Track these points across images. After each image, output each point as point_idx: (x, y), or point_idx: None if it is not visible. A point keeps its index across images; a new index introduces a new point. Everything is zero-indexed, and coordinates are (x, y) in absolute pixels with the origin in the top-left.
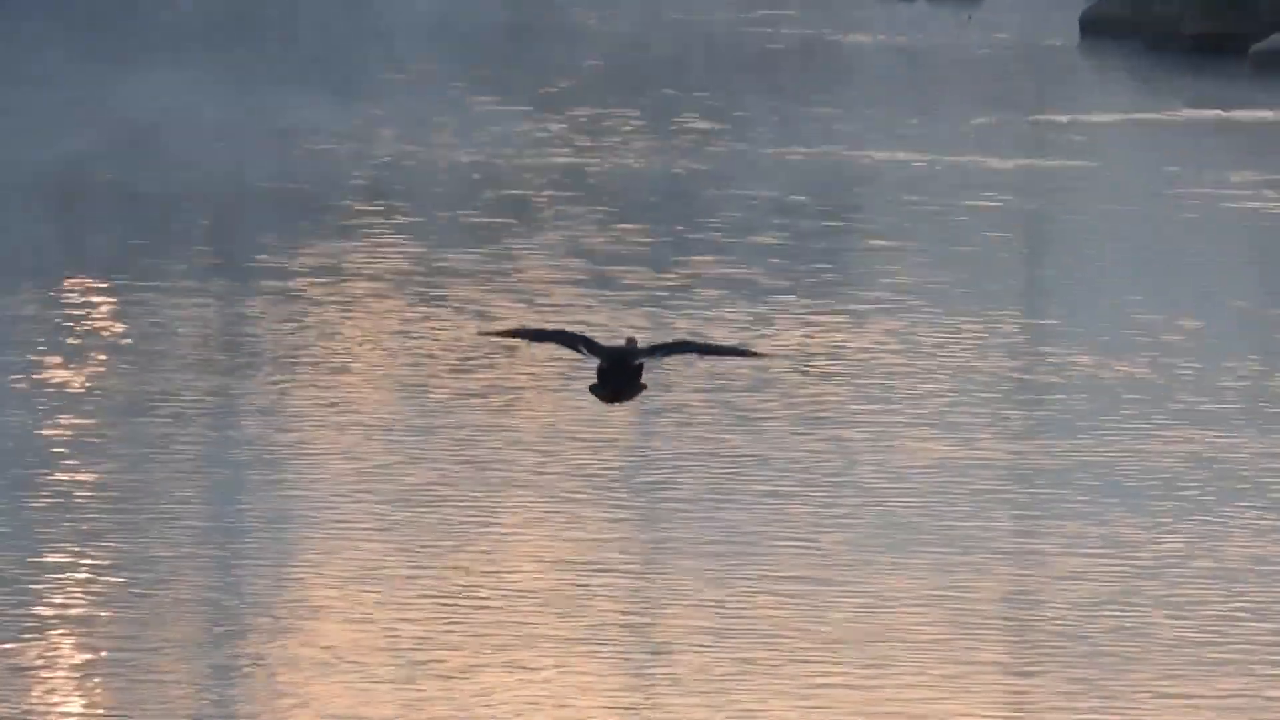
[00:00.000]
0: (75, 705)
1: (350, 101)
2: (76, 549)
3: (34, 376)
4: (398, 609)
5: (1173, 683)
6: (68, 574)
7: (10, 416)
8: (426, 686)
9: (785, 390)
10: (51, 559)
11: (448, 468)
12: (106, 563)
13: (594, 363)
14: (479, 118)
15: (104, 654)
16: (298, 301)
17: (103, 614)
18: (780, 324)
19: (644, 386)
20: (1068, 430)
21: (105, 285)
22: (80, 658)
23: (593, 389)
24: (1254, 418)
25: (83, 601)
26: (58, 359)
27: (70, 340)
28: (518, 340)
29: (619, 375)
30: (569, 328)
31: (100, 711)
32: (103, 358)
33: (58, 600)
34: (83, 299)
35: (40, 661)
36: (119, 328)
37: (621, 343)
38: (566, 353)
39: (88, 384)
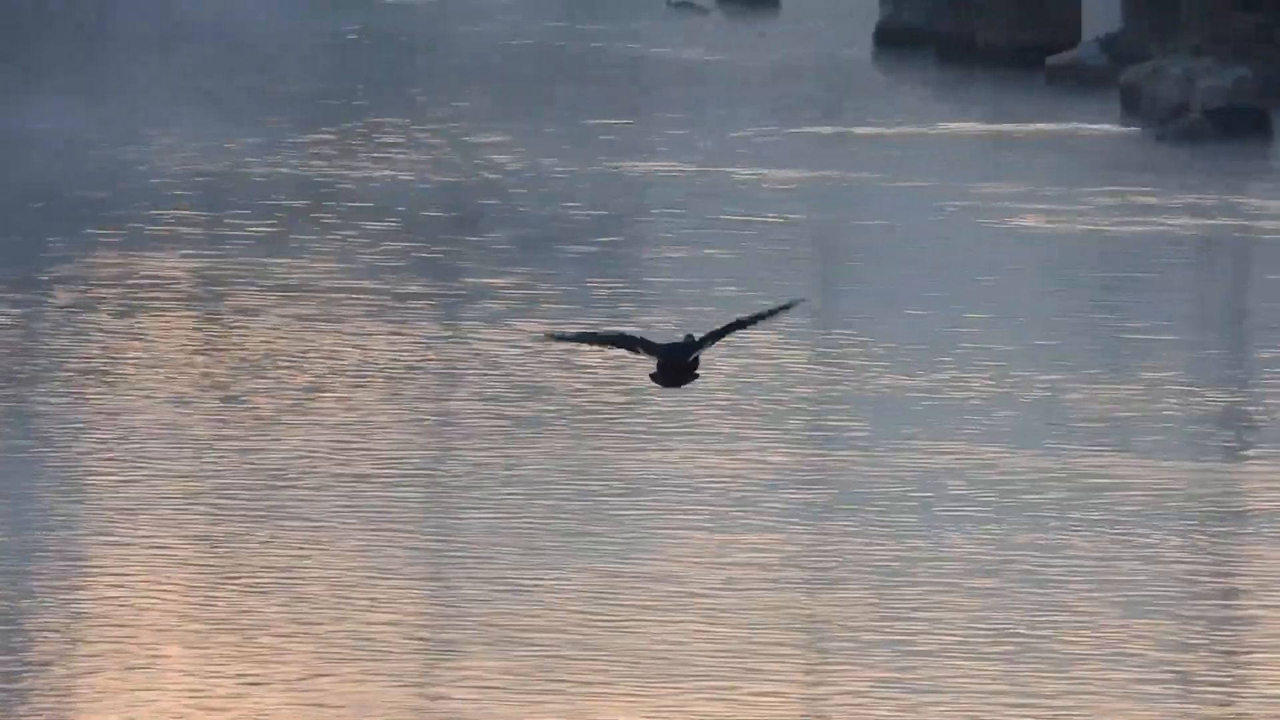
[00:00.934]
0: None
1: (154, 110)
2: None
3: None
4: (193, 615)
5: (952, 694)
6: None
7: None
8: (222, 691)
9: (580, 402)
10: None
11: (242, 474)
12: None
13: (650, 359)
14: (279, 131)
15: None
16: (88, 311)
17: None
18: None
19: (697, 375)
20: (859, 444)
21: None
22: None
23: (653, 377)
24: (1046, 434)
25: None
26: None
27: None
28: (582, 344)
29: (673, 368)
30: (619, 330)
31: None
32: None
33: None
34: None
35: None
36: None
37: (680, 338)
38: (361, 356)
39: None
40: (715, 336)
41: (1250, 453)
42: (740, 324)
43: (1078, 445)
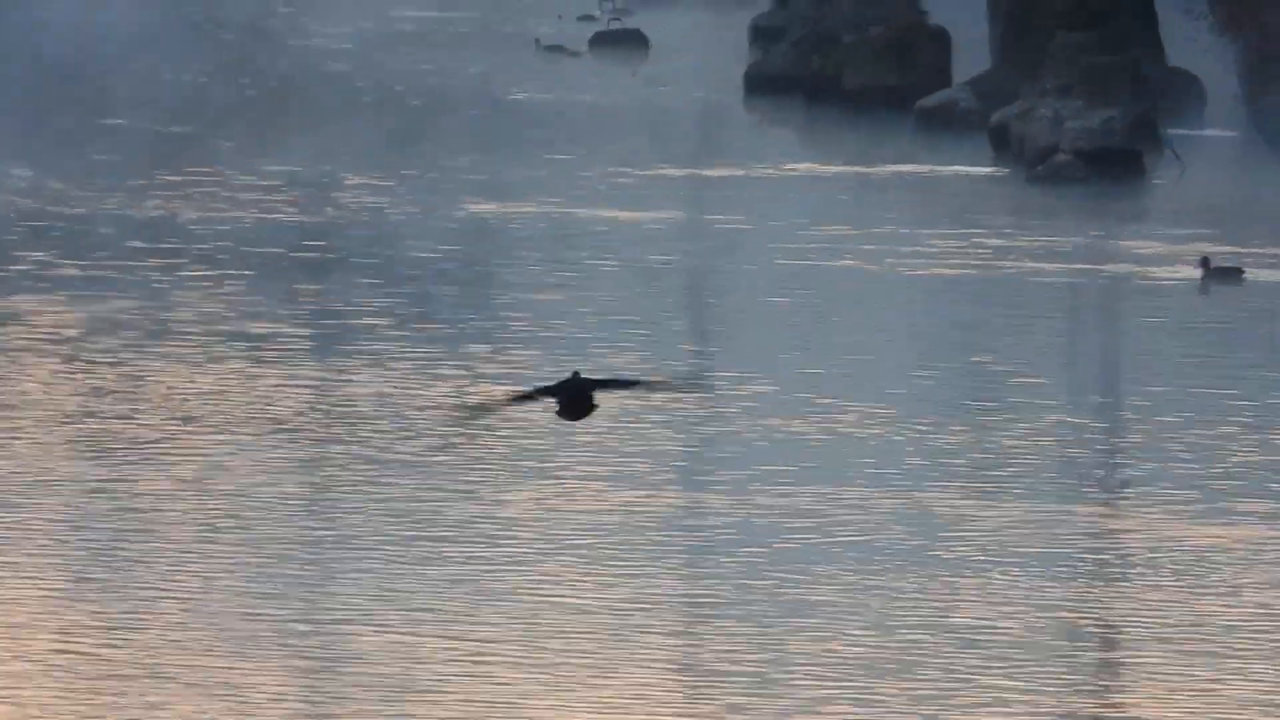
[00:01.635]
0: None
1: (8, 151)
2: None
3: None
4: (59, 650)
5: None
6: None
7: None
8: None
9: (457, 443)
10: None
11: (108, 515)
12: None
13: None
14: (137, 172)
15: None
16: None
17: None
18: (434, 377)
19: (596, 405)
20: (735, 485)
21: None
22: None
23: (559, 414)
24: (912, 476)
25: None
26: None
27: None
28: (502, 407)
29: (575, 403)
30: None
31: None
32: None
33: None
34: None
35: None
36: None
37: (568, 374)
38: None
39: None
40: (610, 384)
41: (1116, 495)
42: (634, 384)
43: (945, 487)
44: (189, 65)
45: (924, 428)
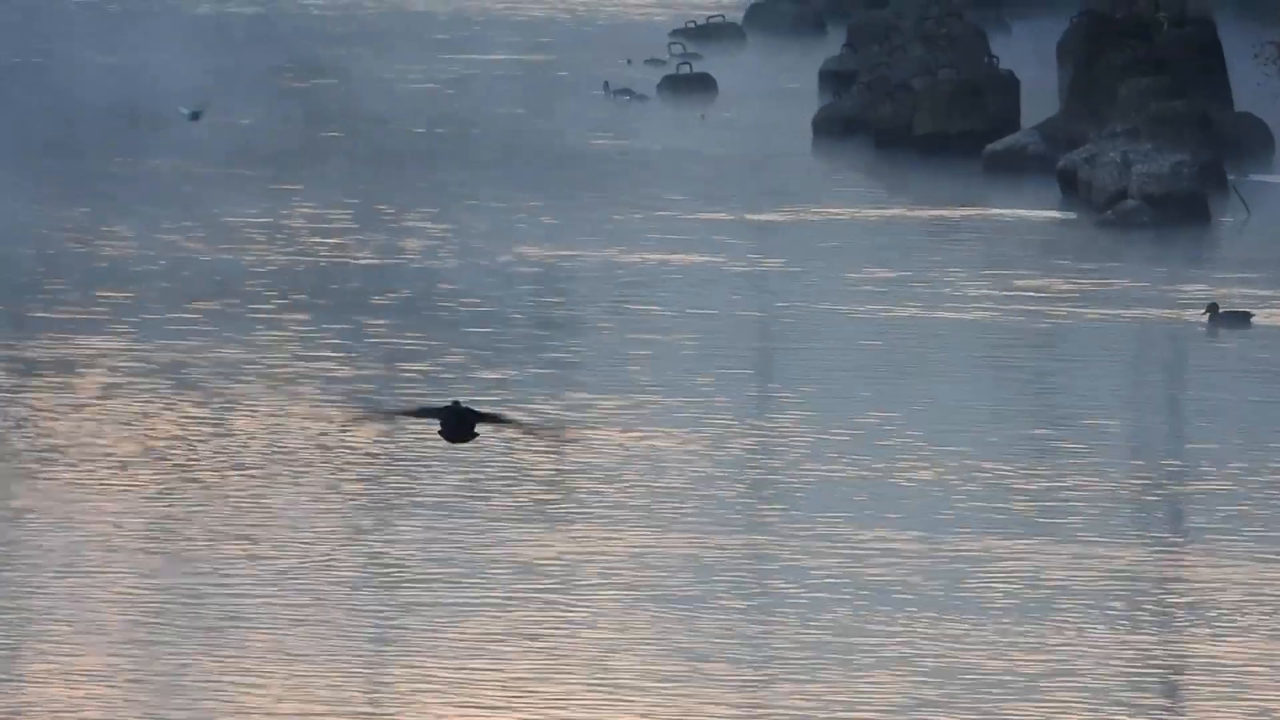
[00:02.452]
0: None
1: (47, 195)
2: None
3: None
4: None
5: None
6: None
7: None
8: None
9: (525, 485)
10: None
11: (151, 555)
12: None
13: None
14: (194, 212)
15: None
16: None
17: None
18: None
19: (476, 435)
20: (795, 528)
21: None
22: None
23: (440, 433)
24: (978, 520)
25: None
26: None
27: None
28: (389, 419)
29: (457, 425)
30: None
31: None
32: None
33: None
34: None
35: None
36: None
37: (448, 402)
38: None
39: None
40: (487, 417)
41: (1183, 541)
42: (505, 421)
43: (1011, 532)
44: (258, 109)
45: (986, 471)
